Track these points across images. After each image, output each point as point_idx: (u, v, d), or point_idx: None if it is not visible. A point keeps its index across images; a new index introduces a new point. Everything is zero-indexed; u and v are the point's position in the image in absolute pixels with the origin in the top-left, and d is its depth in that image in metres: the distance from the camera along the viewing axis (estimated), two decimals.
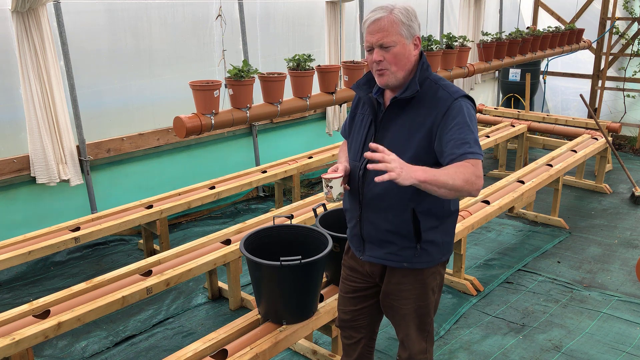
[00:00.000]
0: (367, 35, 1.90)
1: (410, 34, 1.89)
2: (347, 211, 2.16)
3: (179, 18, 4.78)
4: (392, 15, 1.85)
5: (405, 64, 1.91)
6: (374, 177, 1.93)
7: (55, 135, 4.03)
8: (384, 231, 2.01)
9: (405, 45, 1.89)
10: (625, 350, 3.12)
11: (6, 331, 2.52)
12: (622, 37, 7.77)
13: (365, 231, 2.07)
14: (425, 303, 2.09)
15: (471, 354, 3.10)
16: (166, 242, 4.12)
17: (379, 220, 2.01)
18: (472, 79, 7.73)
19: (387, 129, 1.98)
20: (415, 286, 2.06)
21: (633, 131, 7.65)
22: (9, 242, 3.44)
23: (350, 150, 2.12)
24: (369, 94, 2.04)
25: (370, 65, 1.95)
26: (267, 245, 2.64)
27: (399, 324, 2.15)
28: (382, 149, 1.72)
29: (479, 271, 4.04)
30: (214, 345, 2.48)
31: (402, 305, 2.09)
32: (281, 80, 3.67)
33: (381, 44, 1.87)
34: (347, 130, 2.22)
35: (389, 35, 1.85)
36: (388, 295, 2.12)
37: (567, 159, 5.07)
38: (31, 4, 3.66)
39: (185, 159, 5.03)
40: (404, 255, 2.01)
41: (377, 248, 2.06)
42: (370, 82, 2.07)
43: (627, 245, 4.47)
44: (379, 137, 1.99)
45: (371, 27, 1.88)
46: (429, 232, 1.99)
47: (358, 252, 2.14)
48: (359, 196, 2.04)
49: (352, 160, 2.08)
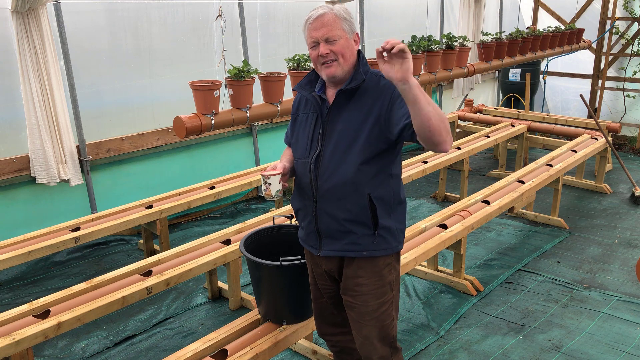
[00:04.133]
0: (311, 32, 1.98)
1: (351, 30, 2.00)
2: (299, 210, 2.19)
3: (179, 18, 4.78)
4: (333, 12, 1.97)
5: (349, 57, 2.00)
6: (327, 168, 2.02)
7: (55, 135, 4.03)
8: (342, 221, 2.04)
9: (348, 40, 1.99)
10: (625, 350, 3.12)
11: (6, 331, 2.52)
12: (622, 37, 7.77)
13: (322, 225, 2.08)
14: (383, 300, 2.10)
15: (471, 354, 3.10)
16: (166, 242, 4.12)
17: (336, 210, 2.03)
18: (472, 79, 7.74)
19: (336, 121, 2.04)
20: (373, 280, 2.08)
21: (633, 131, 7.65)
22: (9, 242, 3.44)
23: (297, 149, 2.16)
24: (312, 93, 2.10)
25: (314, 60, 2.02)
26: (267, 245, 2.64)
27: (358, 325, 2.13)
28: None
29: (479, 271, 4.04)
30: (214, 345, 2.48)
31: (359, 302, 2.10)
32: (281, 80, 3.68)
33: (327, 38, 1.95)
34: (290, 135, 2.26)
35: (334, 30, 1.95)
36: (346, 291, 2.14)
37: (567, 159, 5.07)
38: (31, 4, 3.66)
39: (185, 159, 5.03)
40: (363, 243, 2.05)
41: (335, 241, 2.08)
42: (312, 82, 2.14)
43: (627, 245, 4.47)
44: (327, 132, 2.04)
45: (315, 24, 1.96)
46: (384, 219, 2.04)
47: (314, 249, 2.15)
48: (312, 191, 2.07)
49: (301, 158, 2.12)
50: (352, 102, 2.03)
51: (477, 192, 4.33)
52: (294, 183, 2.22)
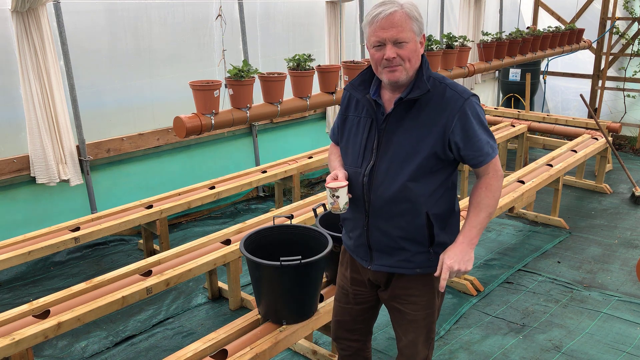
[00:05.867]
0: (377, 31, 1.79)
1: (420, 31, 1.83)
2: (348, 220, 2.06)
3: (179, 18, 4.78)
4: (404, 10, 1.78)
5: (415, 62, 1.84)
6: (381, 183, 1.89)
7: (55, 135, 4.03)
8: (396, 238, 1.93)
9: (416, 42, 1.82)
10: (626, 351, 3.12)
11: (6, 331, 2.52)
12: (622, 37, 7.77)
13: (373, 240, 1.97)
14: (432, 310, 2.05)
15: (471, 354, 3.10)
16: (166, 242, 4.12)
17: (389, 227, 1.92)
18: (472, 79, 7.73)
19: (393, 132, 1.88)
20: (424, 291, 2.01)
21: (633, 131, 7.64)
22: (9, 242, 3.44)
23: (348, 155, 2.01)
24: (366, 95, 1.94)
25: (376, 62, 1.85)
26: (267, 245, 2.63)
27: (405, 329, 2.08)
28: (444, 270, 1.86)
29: (479, 271, 4.04)
30: (214, 345, 2.48)
31: (410, 311, 2.03)
32: (281, 80, 3.67)
33: (395, 40, 1.78)
34: (337, 133, 2.11)
35: (404, 31, 1.77)
36: (394, 298, 2.06)
37: (567, 159, 5.07)
38: (31, 4, 3.66)
39: (185, 159, 5.03)
40: (417, 261, 1.95)
41: (387, 256, 1.98)
42: (366, 82, 1.98)
43: (627, 245, 4.47)
44: (383, 142, 1.89)
45: (383, 22, 1.77)
46: (440, 235, 1.93)
47: (365, 262, 2.04)
48: (365, 204, 1.94)
49: (352, 166, 1.98)
50: (413, 112, 1.86)
51: None
52: None
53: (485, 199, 1.89)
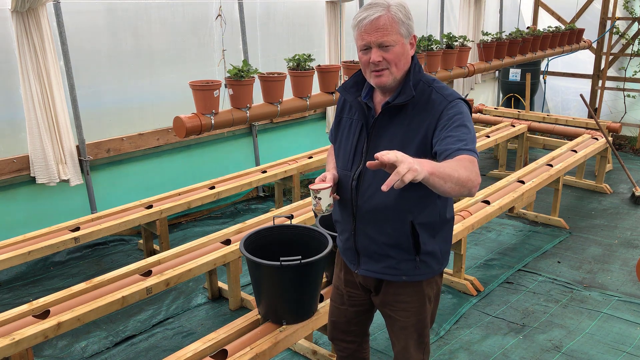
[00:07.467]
0: (363, 34, 1.79)
1: (408, 33, 1.81)
2: (338, 223, 2.06)
3: (179, 18, 4.78)
4: (390, 13, 1.75)
5: (403, 65, 1.82)
6: (368, 187, 1.86)
7: (55, 135, 4.03)
8: (381, 244, 1.92)
9: (404, 45, 1.80)
10: (626, 351, 3.12)
11: (6, 331, 2.52)
12: (622, 37, 7.77)
13: (360, 245, 1.97)
14: (423, 316, 2.03)
15: (471, 354, 3.10)
16: (166, 242, 4.12)
17: (375, 233, 1.91)
18: (472, 79, 7.73)
19: (380, 136, 1.86)
20: (414, 298, 2.00)
21: (633, 131, 7.64)
22: (9, 242, 3.44)
23: (339, 158, 2.00)
24: (357, 98, 1.93)
25: (364, 65, 1.85)
26: (267, 245, 2.63)
27: (397, 335, 2.08)
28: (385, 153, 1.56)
29: (479, 271, 4.04)
30: (214, 345, 2.48)
31: (400, 317, 2.03)
32: (281, 80, 3.67)
33: (380, 44, 1.76)
34: (334, 135, 2.09)
35: (389, 35, 1.75)
36: (385, 304, 2.05)
37: (567, 159, 5.07)
38: (31, 4, 3.66)
39: (185, 159, 5.03)
40: (403, 268, 1.93)
41: (373, 262, 1.97)
42: (358, 84, 1.96)
43: (627, 245, 4.47)
44: (371, 146, 1.87)
45: (368, 26, 1.77)
46: (428, 244, 1.90)
47: (353, 265, 2.05)
48: (352, 208, 1.93)
49: (342, 169, 1.97)
50: (400, 117, 1.83)
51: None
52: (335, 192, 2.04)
53: (460, 167, 1.62)
